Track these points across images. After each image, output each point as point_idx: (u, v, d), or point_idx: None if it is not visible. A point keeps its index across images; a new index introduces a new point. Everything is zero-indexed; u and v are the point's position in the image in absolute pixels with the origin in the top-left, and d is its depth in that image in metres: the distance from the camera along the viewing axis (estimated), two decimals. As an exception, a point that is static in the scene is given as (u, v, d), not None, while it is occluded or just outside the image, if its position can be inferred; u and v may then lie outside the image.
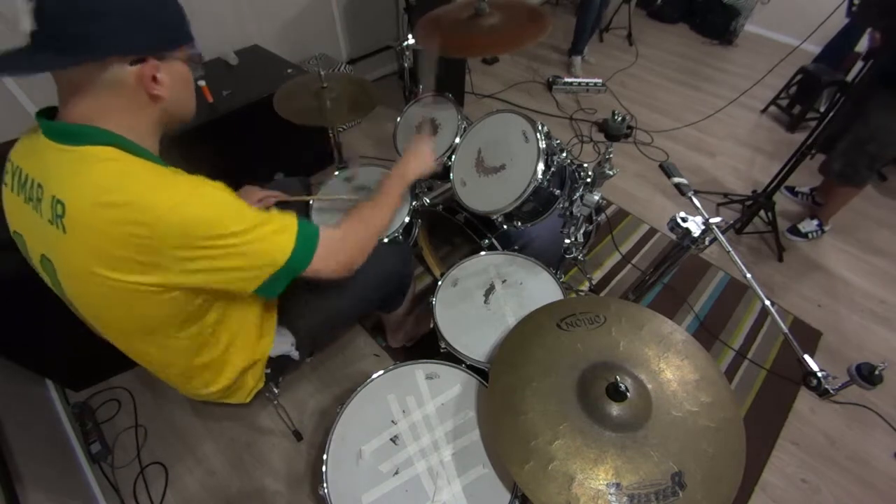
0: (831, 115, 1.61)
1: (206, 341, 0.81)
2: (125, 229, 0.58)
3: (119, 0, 0.59)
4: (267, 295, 0.76)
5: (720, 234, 0.89)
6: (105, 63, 0.59)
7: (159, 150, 0.72)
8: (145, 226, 0.58)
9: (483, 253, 1.32)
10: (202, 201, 0.63)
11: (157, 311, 0.68)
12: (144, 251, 0.60)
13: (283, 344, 0.99)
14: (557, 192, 1.27)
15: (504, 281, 1.23)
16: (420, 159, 1.11)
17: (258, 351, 0.94)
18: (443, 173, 1.45)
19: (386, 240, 1.32)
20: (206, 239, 0.63)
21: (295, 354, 1.01)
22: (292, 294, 0.80)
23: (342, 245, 0.83)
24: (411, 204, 1.49)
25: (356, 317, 1.16)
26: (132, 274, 0.62)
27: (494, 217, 1.28)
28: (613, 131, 1.08)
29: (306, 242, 0.75)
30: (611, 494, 0.71)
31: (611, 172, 1.14)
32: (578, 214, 1.25)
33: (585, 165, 1.22)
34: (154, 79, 0.64)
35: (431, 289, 1.27)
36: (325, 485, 0.86)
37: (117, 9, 0.58)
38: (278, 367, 1.02)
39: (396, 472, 0.88)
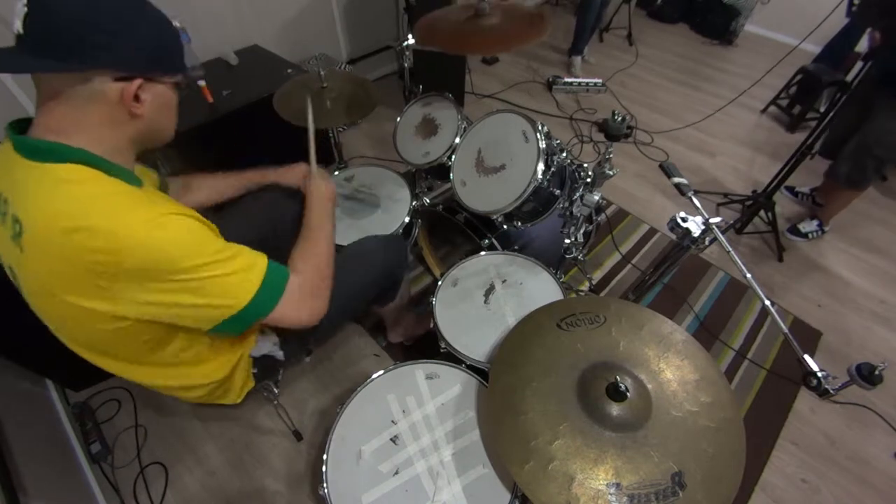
0: (831, 115, 1.61)
1: (172, 363, 0.79)
2: (85, 256, 0.57)
3: (115, 16, 0.59)
4: (225, 333, 0.73)
5: (720, 234, 0.89)
6: (87, 74, 0.59)
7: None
8: (106, 253, 0.57)
9: (483, 253, 1.32)
10: (167, 232, 0.61)
11: (116, 336, 0.67)
12: (103, 278, 0.59)
13: (266, 343, 0.97)
14: (557, 192, 1.27)
15: (504, 281, 1.23)
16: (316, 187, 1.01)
17: (241, 352, 0.92)
18: (443, 173, 1.45)
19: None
20: (168, 273, 0.61)
21: (279, 354, 0.99)
22: None
23: (311, 285, 0.79)
24: (411, 204, 1.49)
25: (349, 312, 1.14)
26: (90, 300, 0.61)
27: (494, 217, 1.28)
28: (613, 131, 1.08)
29: (273, 284, 0.71)
30: (611, 494, 0.71)
31: (611, 172, 1.14)
32: (578, 214, 1.25)
33: (585, 165, 1.22)
34: (136, 97, 0.63)
35: (431, 289, 1.27)
36: (325, 485, 0.86)
37: (111, 24, 0.58)
38: (266, 367, 1.00)
39: (396, 472, 0.88)
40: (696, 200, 0.97)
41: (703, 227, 0.91)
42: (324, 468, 0.88)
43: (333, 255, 0.89)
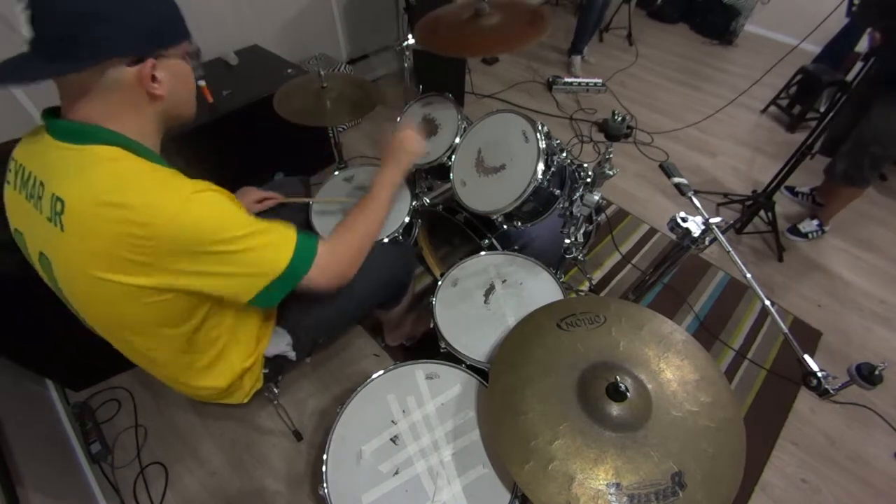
0: (831, 115, 1.61)
1: (199, 343, 0.81)
2: (123, 229, 0.58)
3: (112, 2, 0.58)
4: (262, 305, 0.75)
5: (720, 234, 0.89)
6: (104, 66, 0.59)
7: (160, 151, 0.72)
8: (144, 227, 0.59)
9: (483, 253, 1.32)
10: (202, 206, 0.63)
11: (150, 311, 0.68)
12: (141, 252, 0.60)
13: (280, 344, 0.99)
14: (557, 192, 1.27)
15: (504, 281, 1.23)
16: (405, 149, 1.05)
17: (257, 352, 0.94)
18: (443, 173, 1.45)
19: (386, 239, 1.32)
20: (204, 244, 0.63)
21: (292, 355, 1.01)
22: (292, 294, 0.80)
23: (338, 257, 0.83)
24: (411, 204, 1.49)
25: (357, 317, 1.15)
26: (127, 275, 0.62)
27: (494, 217, 1.28)
28: (613, 131, 1.08)
29: (304, 253, 0.75)
30: (611, 494, 0.71)
31: (611, 172, 1.14)
32: (578, 214, 1.25)
33: (585, 165, 1.22)
34: (153, 78, 0.64)
35: (431, 289, 1.27)
36: (325, 485, 0.86)
37: (110, 10, 0.58)
38: (276, 368, 1.02)
39: (396, 472, 0.88)
40: (696, 200, 0.97)
41: (703, 227, 0.91)
42: (324, 468, 0.88)
43: (374, 232, 0.92)
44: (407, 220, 1.45)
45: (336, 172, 1.62)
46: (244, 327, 0.90)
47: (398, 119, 1.57)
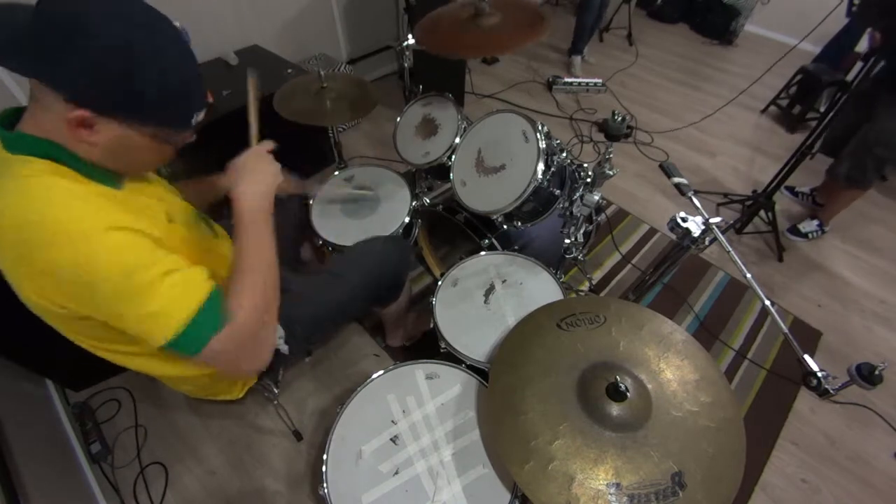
0: (832, 115, 1.61)
1: (154, 356, 0.77)
2: (30, 254, 0.56)
3: (66, 36, 0.54)
4: (174, 353, 0.65)
5: (720, 234, 0.89)
6: (41, 84, 0.57)
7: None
8: (45, 257, 0.56)
9: (483, 253, 1.32)
10: (101, 247, 0.58)
11: (95, 329, 0.66)
12: (47, 277, 0.58)
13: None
14: (557, 192, 1.27)
15: (504, 281, 1.23)
16: (256, 169, 0.84)
17: None
18: (443, 173, 1.45)
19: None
20: (90, 286, 0.58)
21: (284, 348, 0.99)
22: (284, 286, 0.77)
23: (247, 338, 0.69)
24: (411, 204, 1.49)
25: (352, 312, 1.13)
26: (48, 300, 0.60)
27: (494, 217, 1.28)
28: (613, 131, 1.08)
29: (205, 320, 0.64)
30: (611, 494, 0.71)
31: (611, 172, 1.14)
32: (578, 214, 1.25)
33: (585, 165, 1.22)
34: (82, 125, 0.58)
35: (431, 289, 1.27)
36: (325, 485, 0.86)
37: (61, 42, 0.54)
38: (270, 362, 1.00)
39: (396, 472, 0.88)
40: (696, 200, 0.97)
41: (703, 227, 0.91)
42: (324, 468, 0.88)
43: (276, 280, 0.76)
44: (407, 220, 1.45)
45: (336, 172, 1.62)
46: None
47: (398, 119, 1.57)
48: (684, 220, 0.92)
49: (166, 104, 0.62)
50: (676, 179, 1.03)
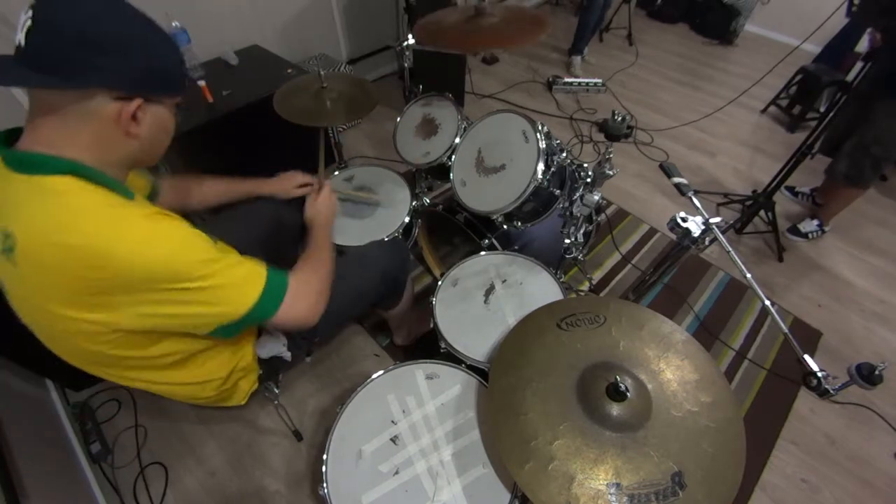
0: (831, 115, 1.61)
1: (169, 366, 0.79)
2: (77, 271, 0.57)
3: (119, 35, 0.58)
4: (222, 336, 0.74)
5: (720, 234, 0.89)
6: (87, 93, 0.58)
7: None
8: (97, 269, 0.57)
9: (483, 253, 1.32)
10: (161, 243, 0.61)
11: (111, 346, 0.67)
12: (97, 292, 0.59)
13: (275, 345, 0.98)
14: (557, 192, 1.27)
15: (504, 281, 1.23)
16: (326, 212, 1.05)
17: (236, 359, 0.91)
18: (443, 173, 1.45)
19: (385, 238, 1.32)
20: (161, 283, 0.61)
21: (287, 356, 1.00)
22: None
23: (306, 300, 0.79)
24: (411, 204, 1.49)
25: (352, 315, 1.14)
26: (85, 312, 0.61)
27: (494, 217, 1.28)
28: (613, 131, 1.08)
29: (273, 293, 0.72)
30: (611, 494, 0.71)
31: (611, 172, 1.14)
32: (578, 214, 1.25)
33: (585, 165, 1.22)
34: (134, 118, 0.62)
35: (431, 289, 1.27)
36: (325, 485, 0.86)
37: (114, 45, 0.57)
38: (272, 369, 1.01)
39: (396, 472, 0.88)
40: (696, 200, 0.97)
41: (703, 227, 0.91)
42: (324, 468, 0.88)
43: (333, 271, 0.91)
44: (407, 220, 1.45)
45: (336, 172, 1.62)
46: (215, 344, 0.86)
47: (398, 119, 1.57)
48: (684, 220, 0.92)
49: (176, 68, 0.67)
50: (676, 179, 1.03)
